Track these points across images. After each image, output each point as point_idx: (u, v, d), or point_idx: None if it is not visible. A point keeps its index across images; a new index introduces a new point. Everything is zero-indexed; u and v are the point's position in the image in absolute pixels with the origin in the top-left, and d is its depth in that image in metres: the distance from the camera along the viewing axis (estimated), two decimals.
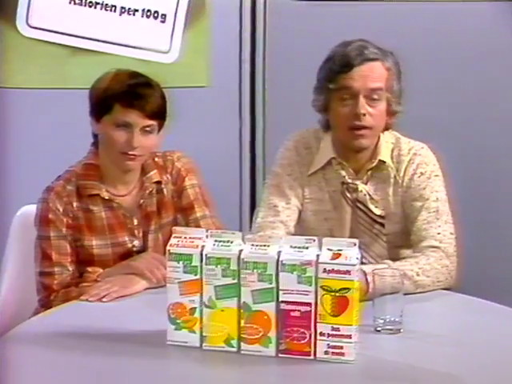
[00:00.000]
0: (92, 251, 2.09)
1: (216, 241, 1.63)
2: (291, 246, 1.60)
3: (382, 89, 2.04)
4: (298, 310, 1.56)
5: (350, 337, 1.55)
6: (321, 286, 1.54)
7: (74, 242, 2.09)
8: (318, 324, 1.55)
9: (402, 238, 2.11)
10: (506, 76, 2.82)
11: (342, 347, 1.55)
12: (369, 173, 2.11)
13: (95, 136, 2.14)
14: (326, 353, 1.56)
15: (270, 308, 1.58)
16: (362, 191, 2.10)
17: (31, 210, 2.15)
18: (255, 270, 1.57)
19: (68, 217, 2.07)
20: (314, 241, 1.60)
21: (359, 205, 2.11)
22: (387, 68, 2.06)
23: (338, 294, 1.54)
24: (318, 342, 1.56)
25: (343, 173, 2.11)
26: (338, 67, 2.03)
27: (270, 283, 1.57)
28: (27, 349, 1.64)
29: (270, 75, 3.00)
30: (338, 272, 1.54)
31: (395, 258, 2.02)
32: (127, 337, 1.68)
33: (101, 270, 2.07)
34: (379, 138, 2.12)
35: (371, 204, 2.10)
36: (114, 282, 1.98)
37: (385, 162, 2.10)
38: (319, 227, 2.13)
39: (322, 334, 1.56)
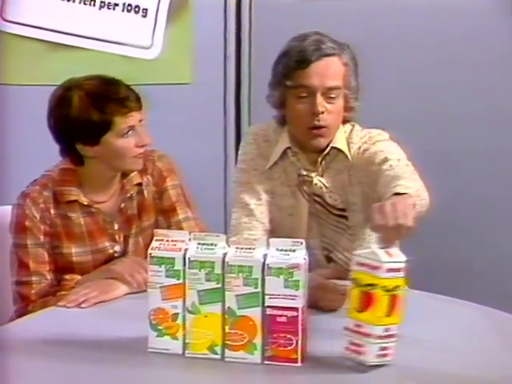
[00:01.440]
0: (71, 259, 2.10)
1: (199, 244, 1.63)
2: (277, 249, 1.61)
3: (339, 87, 2.05)
4: (285, 316, 1.56)
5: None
6: (381, 287, 1.55)
7: (52, 249, 2.10)
8: (374, 327, 1.56)
9: (367, 229, 2.08)
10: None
11: (387, 348, 1.56)
12: (323, 163, 2.10)
13: (65, 153, 2.11)
14: (376, 356, 1.57)
15: (255, 313, 1.58)
16: (316, 184, 2.10)
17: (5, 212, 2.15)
18: (240, 274, 1.58)
19: (45, 224, 2.08)
20: (302, 243, 1.61)
21: (316, 198, 2.12)
22: (344, 63, 2.06)
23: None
24: (371, 346, 1.56)
25: (299, 164, 2.11)
26: (294, 63, 2.03)
27: (256, 287, 1.58)
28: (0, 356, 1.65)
29: (255, 72, 3.02)
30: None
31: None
32: (106, 344, 1.67)
33: (79, 277, 2.08)
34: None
35: (329, 197, 2.10)
36: (93, 287, 1.99)
37: (339, 150, 2.09)
38: (283, 223, 2.12)
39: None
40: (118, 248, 2.14)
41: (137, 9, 2.89)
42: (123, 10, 2.87)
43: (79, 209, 2.10)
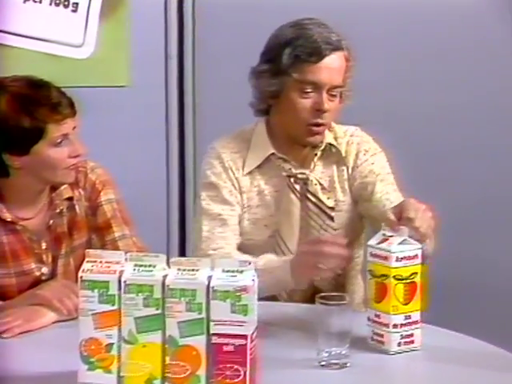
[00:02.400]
0: None
1: (136, 265, 1.61)
2: (223, 270, 1.58)
3: (342, 85, 2.09)
4: (232, 344, 1.54)
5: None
6: (393, 276, 1.70)
7: None
8: (391, 316, 1.72)
9: (350, 234, 2.13)
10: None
11: (412, 335, 1.73)
12: (315, 160, 2.15)
13: None
14: (399, 344, 1.73)
15: (199, 342, 1.56)
16: (312, 180, 2.15)
17: None
18: (182, 299, 1.56)
19: None
20: (250, 264, 1.59)
21: (310, 197, 2.15)
22: (347, 58, 2.11)
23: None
24: (391, 335, 1.72)
25: (287, 166, 2.14)
26: (305, 55, 2.05)
27: (200, 313, 1.56)
28: None
29: (200, 73, 3.01)
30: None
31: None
32: (31, 379, 1.65)
33: (1, 303, 2.01)
34: None
35: (322, 194, 2.15)
36: (17, 314, 1.93)
37: (332, 145, 2.15)
38: (258, 236, 2.15)
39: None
40: (45, 270, 2.08)
41: (66, 2, 2.85)
42: (51, 4, 2.82)
43: (1, 226, 2.06)
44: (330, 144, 2.15)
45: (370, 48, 2.69)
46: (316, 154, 2.15)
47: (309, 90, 2.06)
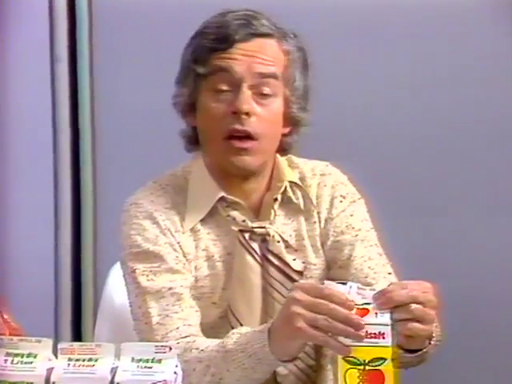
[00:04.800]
0: None
1: (9, 354, 1.44)
2: (133, 359, 1.41)
3: (276, 76, 1.79)
4: None
5: None
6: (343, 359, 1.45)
7: None
8: None
9: None
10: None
11: None
12: (275, 207, 1.85)
13: None
14: None
15: None
16: (274, 236, 1.83)
17: None
18: None
19: None
20: (171, 349, 1.40)
21: (272, 258, 1.83)
22: (286, 51, 1.82)
23: (368, 367, 1.45)
24: None
25: (239, 216, 1.83)
26: (211, 42, 1.79)
27: None
28: None
29: (98, 75, 2.86)
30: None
31: None
32: None
33: None
34: (275, 159, 1.88)
35: (288, 255, 1.84)
36: None
37: (296, 186, 1.86)
38: (203, 318, 1.82)
39: None
40: None
41: None
42: None
43: None
44: (295, 184, 1.86)
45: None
46: (276, 199, 1.84)
47: (223, 88, 1.78)
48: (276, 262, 1.81)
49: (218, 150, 1.79)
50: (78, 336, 2.82)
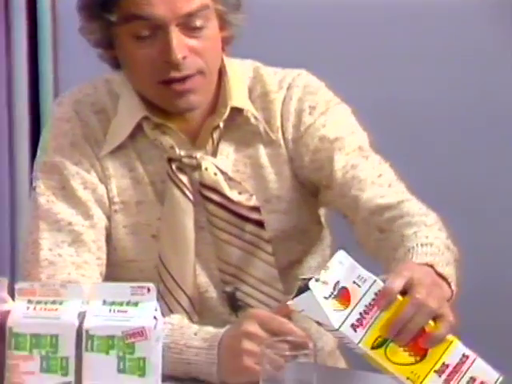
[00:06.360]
0: None
1: None
2: (105, 302, 1.33)
3: (206, 6, 1.63)
4: None
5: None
6: None
7: None
8: None
9: (297, 247, 1.72)
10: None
11: None
12: (215, 135, 1.72)
13: None
14: None
15: None
16: (207, 169, 1.67)
17: None
18: (35, 351, 1.32)
19: None
20: (150, 290, 1.31)
21: (208, 193, 1.68)
22: None
23: None
24: None
25: (168, 141, 1.68)
26: None
27: (65, 375, 1.31)
28: None
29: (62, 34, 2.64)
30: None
31: (291, 287, 1.56)
32: None
33: None
34: (222, 72, 1.71)
35: (229, 190, 1.68)
36: None
37: (242, 111, 1.69)
38: (144, 256, 1.69)
39: None
40: None
41: None
42: None
43: None
44: (239, 109, 1.69)
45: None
46: (218, 126, 1.67)
47: (145, 33, 1.62)
48: (216, 198, 1.66)
49: (154, 94, 1.65)
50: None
